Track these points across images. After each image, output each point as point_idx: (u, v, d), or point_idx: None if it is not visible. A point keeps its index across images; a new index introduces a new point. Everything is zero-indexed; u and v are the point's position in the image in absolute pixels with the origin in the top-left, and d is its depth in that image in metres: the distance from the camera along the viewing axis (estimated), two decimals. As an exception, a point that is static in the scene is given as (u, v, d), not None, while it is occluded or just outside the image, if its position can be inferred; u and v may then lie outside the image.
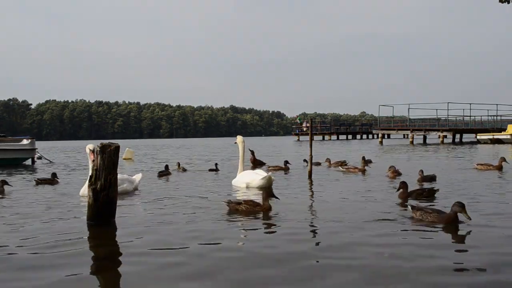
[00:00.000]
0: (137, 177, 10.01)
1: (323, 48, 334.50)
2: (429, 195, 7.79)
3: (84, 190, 8.54)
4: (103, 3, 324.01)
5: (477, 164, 12.55)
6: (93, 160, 8.36)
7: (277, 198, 6.79)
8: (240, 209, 6.64)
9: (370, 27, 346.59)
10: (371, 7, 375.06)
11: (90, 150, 8.44)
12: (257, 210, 6.59)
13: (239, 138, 10.94)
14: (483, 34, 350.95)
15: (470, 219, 5.39)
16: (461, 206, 5.45)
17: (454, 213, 5.51)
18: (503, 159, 12.12)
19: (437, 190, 7.99)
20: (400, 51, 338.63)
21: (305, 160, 15.40)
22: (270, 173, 10.00)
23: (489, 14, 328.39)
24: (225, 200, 6.99)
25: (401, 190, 7.73)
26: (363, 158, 13.64)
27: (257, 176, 9.70)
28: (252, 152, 16.67)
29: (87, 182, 8.46)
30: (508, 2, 19.85)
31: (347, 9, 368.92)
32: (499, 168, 11.90)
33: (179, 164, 15.23)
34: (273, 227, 5.66)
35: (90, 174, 8.37)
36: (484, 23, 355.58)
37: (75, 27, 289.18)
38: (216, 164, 14.70)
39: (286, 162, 14.56)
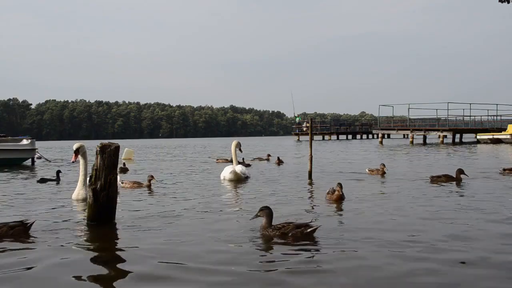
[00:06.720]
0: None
1: (323, 47, 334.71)
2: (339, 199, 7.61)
3: (78, 194, 8.32)
4: (103, 3, 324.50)
5: (368, 169, 12.49)
6: (73, 161, 8.26)
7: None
8: None
9: (370, 26, 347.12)
10: (372, 6, 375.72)
11: (73, 150, 8.35)
12: None
13: (233, 144, 12.10)
14: (483, 33, 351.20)
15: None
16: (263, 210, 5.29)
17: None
18: (383, 165, 12.19)
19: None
20: (400, 51, 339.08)
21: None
22: (234, 168, 11.20)
23: (489, 14, 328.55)
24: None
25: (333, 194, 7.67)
26: (278, 158, 17.94)
27: (228, 171, 11.21)
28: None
29: (78, 185, 8.41)
30: (508, 2, 19.81)
31: (347, 8, 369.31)
32: (382, 173, 11.99)
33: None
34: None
35: (80, 177, 8.31)
36: (484, 22, 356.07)
37: (75, 27, 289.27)
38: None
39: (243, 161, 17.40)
